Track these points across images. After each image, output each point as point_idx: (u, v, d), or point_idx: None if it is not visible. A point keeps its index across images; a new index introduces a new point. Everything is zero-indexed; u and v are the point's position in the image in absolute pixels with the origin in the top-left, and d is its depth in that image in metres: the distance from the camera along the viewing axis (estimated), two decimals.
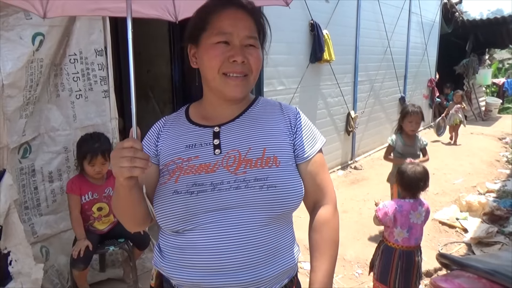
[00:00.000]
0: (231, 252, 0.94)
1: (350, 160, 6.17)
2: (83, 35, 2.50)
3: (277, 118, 1.10)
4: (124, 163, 0.90)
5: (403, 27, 7.40)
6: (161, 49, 5.07)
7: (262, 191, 0.96)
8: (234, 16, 1.03)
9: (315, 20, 4.80)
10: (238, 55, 1.00)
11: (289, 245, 1.04)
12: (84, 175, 2.40)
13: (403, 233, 2.35)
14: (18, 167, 2.32)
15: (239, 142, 1.04)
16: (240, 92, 1.04)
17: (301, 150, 1.07)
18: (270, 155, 1.01)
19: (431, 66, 9.27)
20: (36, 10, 1.31)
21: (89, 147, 2.32)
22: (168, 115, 1.20)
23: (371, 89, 6.59)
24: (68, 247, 2.50)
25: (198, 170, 1.00)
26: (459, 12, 9.86)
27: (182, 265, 0.98)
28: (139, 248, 2.60)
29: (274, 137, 1.05)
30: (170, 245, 1.01)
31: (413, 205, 2.38)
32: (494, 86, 13.25)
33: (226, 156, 1.02)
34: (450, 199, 4.58)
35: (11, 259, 2.07)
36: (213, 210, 0.96)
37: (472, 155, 6.66)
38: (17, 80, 2.13)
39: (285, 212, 1.00)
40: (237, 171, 0.99)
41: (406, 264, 2.35)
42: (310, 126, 1.12)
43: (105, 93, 2.69)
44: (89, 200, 2.39)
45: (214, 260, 0.94)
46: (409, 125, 3.33)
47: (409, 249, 2.34)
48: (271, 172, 0.99)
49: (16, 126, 2.22)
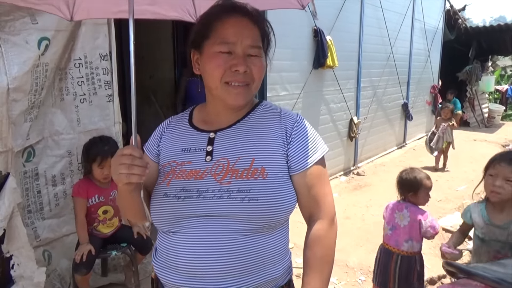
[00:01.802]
0: (211, 258, 0.95)
1: (353, 166, 6.15)
2: (88, 40, 2.52)
3: (273, 126, 1.07)
4: (122, 170, 0.94)
5: (406, 34, 7.41)
6: (165, 53, 5.09)
7: (243, 203, 0.96)
8: (238, 25, 1.02)
9: (318, 26, 4.81)
10: (240, 64, 1.00)
11: (276, 253, 1.02)
12: (90, 178, 2.40)
13: (387, 229, 2.47)
14: (21, 170, 2.32)
15: (229, 151, 1.04)
16: (242, 100, 1.04)
17: (294, 161, 1.03)
18: (258, 166, 1.00)
19: (434, 73, 9.27)
20: (63, 14, 1.34)
21: (99, 150, 2.34)
22: (174, 116, 1.21)
23: (374, 95, 6.59)
24: (70, 251, 2.49)
25: (188, 175, 1.02)
26: (462, 19, 9.88)
27: (168, 266, 1.01)
28: (141, 253, 2.59)
29: (265, 147, 1.03)
30: (161, 245, 1.05)
31: (399, 205, 2.46)
32: (497, 93, 13.24)
33: (215, 164, 1.02)
34: (453, 206, 4.56)
35: (14, 263, 2.06)
36: (197, 216, 0.98)
37: (475, 161, 6.62)
38: (22, 84, 2.14)
39: (267, 224, 0.99)
40: (223, 180, 0.99)
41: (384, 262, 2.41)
42: (308, 135, 1.07)
43: (109, 98, 2.70)
44: (95, 203, 2.40)
45: (194, 265, 0.96)
46: (493, 182, 1.82)
47: (389, 248, 2.42)
48: (255, 184, 0.97)
49: (21, 129, 2.23)
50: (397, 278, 2.34)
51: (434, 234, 2.33)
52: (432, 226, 2.32)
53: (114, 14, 1.51)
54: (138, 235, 2.52)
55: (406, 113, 7.81)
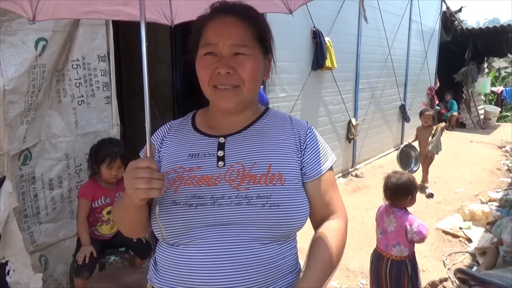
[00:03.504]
0: (227, 269, 0.90)
1: (351, 167, 6.14)
2: (86, 41, 2.48)
3: (286, 133, 1.05)
4: (141, 185, 0.85)
5: (403, 35, 7.42)
6: (163, 55, 5.04)
7: (264, 209, 0.92)
8: (220, 25, 0.98)
9: (317, 28, 4.79)
10: (221, 67, 0.96)
11: (290, 264, 0.99)
12: (97, 180, 2.37)
13: (378, 233, 2.47)
14: (18, 174, 2.28)
15: (244, 156, 0.99)
16: (231, 103, 0.99)
17: (309, 169, 1.02)
18: (275, 172, 0.96)
19: (431, 74, 9.29)
20: (25, 13, 1.24)
21: (109, 151, 2.32)
22: (174, 120, 1.16)
23: (372, 97, 6.58)
24: (67, 256, 2.44)
25: (199, 181, 0.97)
26: (458, 21, 9.91)
27: (176, 281, 0.93)
28: (141, 257, 2.56)
29: (281, 153, 1.00)
30: (166, 259, 0.97)
31: (387, 210, 2.45)
32: (492, 94, 13.31)
33: (229, 170, 0.97)
34: (452, 208, 4.54)
35: (9, 269, 2.02)
36: (211, 225, 0.92)
37: (473, 163, 6.64)
38: (19, 86, 2.09)
39: (286, 232, 0.96)
40: (240, 186, 0.94)
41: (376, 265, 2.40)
42: (319, 143, 1.06)
43: (107, 99, 2.66)
44: (101, 205, 2.37)
45: (209, 277, 0.90)
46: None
47: (380, 251, 2.41)
48: (275, 190, 0.94)
49: (17, 132, 2.18)
50: (389, 282, 2.35)
51: (422, 239, 2.27)
52: (419, 232, 2.24)
53: (84, 15, 1.41)
54: (137, 239, 2.48)
55: (403, 114, 7.81)
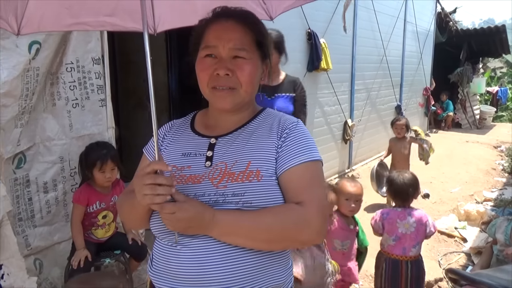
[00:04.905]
0: (215, 265, 0.93)
1: (347, 168, 6.15)
2: (80, 44, 2.47)
3: (271, 130, 1.05)
4: (147, 191, 0.89)
5: (398, 36, 7.46)
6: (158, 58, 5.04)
7: (237, 207, 0.94)
8: (221, 28, 1.02)
9: (312, 29, 4.80)
10: (220, 68, 0.99)
11: (277, 260, 1.01)
12: (91, 185, 2.35)
13: (389, 240, 2.39)
14: (12, 177, 2.27)
15: (228, 155, 1.02)
16: (228, 103, 1.02)
17: (280, 162, 0.99)
18: (253, 168, 0.98)
19: (426, 75, 9.33)
20: (10, 27, 1.24)
21: (98, 154, 2.30)
22: (176, 119, 1.20)
23: (368, 98, 6.60)
24: (62, 260, 2.44)
25: (187, 180, 1.00)
26: (453, 22, 9.97)
27: (167, 275, 0.98)
28: (136, 260, 2.55)
29: (261, 150, 1.01)
30: (159, 254, 1.02)
31: (400, 214, 2.39)
32: (487, 94, 13.39)
33: (214, 169, 1.00)
34: (448, 208, 4.56)
35: (3, 273, 2.02)
36: None
37: (468, 163, 6.67)
38: (12, 89, 2.09)
39: None
40: (219, 184, 0.97)
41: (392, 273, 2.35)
42: (301, 138, 1.02)
43: (102, 102, 2.65)
44: (96, 210, 2.36)
45: (196, 272, 0.94)
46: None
47: (396, 257, 2.35)
48: (250, 187, 0.95)
49: (11, 135, 2.17)
50: (409, 283, 2.31)
51: (434, 233, 2.41)
52: (433, 224, 2.40)
53: (69, 27, 1.43)
54: (133, 241, 2.47)
55: (399, 115, 7.84)
